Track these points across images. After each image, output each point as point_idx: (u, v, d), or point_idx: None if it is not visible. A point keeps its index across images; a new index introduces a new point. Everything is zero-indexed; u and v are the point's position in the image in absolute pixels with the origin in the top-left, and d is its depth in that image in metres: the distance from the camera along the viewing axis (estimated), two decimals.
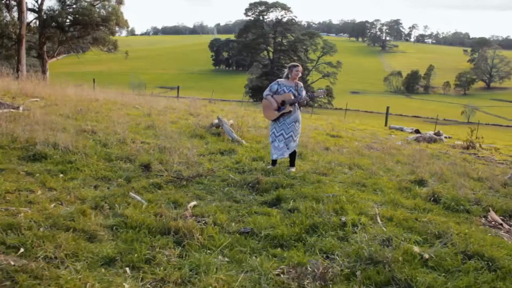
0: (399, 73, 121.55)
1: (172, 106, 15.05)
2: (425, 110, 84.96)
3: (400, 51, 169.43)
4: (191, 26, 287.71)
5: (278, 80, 7.09)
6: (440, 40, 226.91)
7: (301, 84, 7.02)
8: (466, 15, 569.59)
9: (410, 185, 6.31)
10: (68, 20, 35.32)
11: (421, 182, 6.50)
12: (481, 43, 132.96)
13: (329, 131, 14.09)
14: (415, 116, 77.88)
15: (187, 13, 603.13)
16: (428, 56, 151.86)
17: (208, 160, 7.09)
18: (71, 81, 17.56)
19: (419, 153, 10.97)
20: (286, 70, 7.06)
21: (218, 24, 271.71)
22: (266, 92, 7.05)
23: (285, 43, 68.41)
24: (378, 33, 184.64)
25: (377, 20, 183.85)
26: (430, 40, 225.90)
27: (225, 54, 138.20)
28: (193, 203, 4.90)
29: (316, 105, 70.24)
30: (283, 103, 6.82)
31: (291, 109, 6.80)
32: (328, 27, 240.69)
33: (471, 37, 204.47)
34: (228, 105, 24.58)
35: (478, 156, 12.04)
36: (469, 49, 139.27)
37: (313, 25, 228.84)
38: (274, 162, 7.06)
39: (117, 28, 37.87)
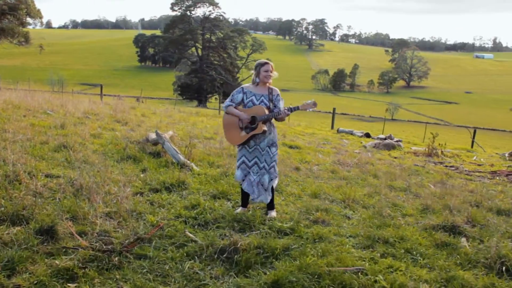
0: (326, 72, 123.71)
1: (94, 111, 12.28)
2: (352, 107, 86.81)
3: (326, 50, 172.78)
4: (113, 20, 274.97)
5: (243, 86, 4.93)
6: (363, 40, 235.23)
7: (277, 90, 4.90)
8: (386, 17, 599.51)
9: (446, 238, 4.43)
10: None
11: (454, 229, 4.66)
12: (400, 44, 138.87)
13: (283, 140, 12.17)
14: (343, 114, 79.06)
15: (108, 7, 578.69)
16: (352, 55, 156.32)
17: (150, 205, 4.76)
18: None
19: (396, 168, 9.36)
20: (252, 73, 4.93)
21: (143, 19, 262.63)
22: (226, 103, 4.89)
23: (214, 40, 65.70)
24: (305, 32, 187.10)
25: (303, 19, 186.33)
26: (353, 40, 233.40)
27: (151, 50, 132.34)
28: None
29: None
30: (252, 120, 4.70)
31: (265, 129, 4.69)
32: (255, 25, 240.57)
33: (391, 38, 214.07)
34: (160, 106, 21.95)
35: (456, 168, 10.67)
36: (390, 50, 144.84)
37: (240, 22, 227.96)
38: (245, 200, 4.93)
39: (28, 19, 33.47)
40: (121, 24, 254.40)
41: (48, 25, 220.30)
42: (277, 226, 4.38)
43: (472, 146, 20.32)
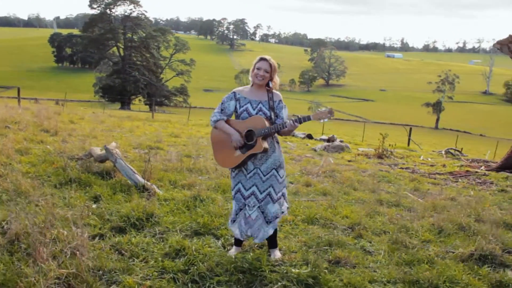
0: (249, 71, 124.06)
1: (14, 118, 10.37)
2: None
3: (248, 50, 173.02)
4: (25, 18, 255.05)
5: (235, 91, 3.86)
6: (282, 40, 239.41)
7: (279, 95, 3.87)
8: (304, 17, 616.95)
9: (496, 274, 3.68)
10: None
11: (493, 259, 3.93)
12: (318, 44, 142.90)
13: None
14: None
15: (19, 3, 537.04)
16: (273, 54, 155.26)
17: (119, 256, 3.51)
18: None
19: (363, 175, 8.74)
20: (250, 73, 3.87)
21: (58, 17, 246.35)
22: (214, 115, 3.78)
23: (136, 39, 62.66)
24: (226, 31, 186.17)
25: (224, 19, 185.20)
26: (273, 40, 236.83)
27: (68, 50, 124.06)
28: None
29: (172, 104, 66.77)
30: (249, 135, 3.66)
31: (266, 146, 3.66)
32: (176, 24, 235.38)
33: (308, 37, 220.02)
34: (88, 110, 19.90)
35: (412, 170, 10.29)
36: (309, 49, 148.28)
37: (161, 22, 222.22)
38: (238, 238, 3.87)
39: None
40: (34, 22, 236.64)
41: None
42: (294, 274, 3.37)
43: (408, 144, 20.65)
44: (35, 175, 5.45)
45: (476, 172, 10.58)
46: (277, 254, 3.82)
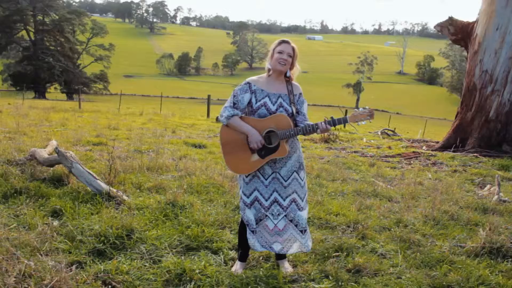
0: (171, 56, 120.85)
1: None
2: (198, 91, 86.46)
3: (169, 33, 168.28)
4: None
5: (249, 81, 3.25)
6: (204, 23, 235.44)
7: (298, 87, 3.34)
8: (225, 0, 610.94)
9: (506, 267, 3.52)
10: None
11: (500, 252, 3.79)
12: (241, 27, 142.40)
13: (185, 138, 10.47)
14: (191, 98, 78.36)
15: None
16: (195, 38, 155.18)
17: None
18: None
19: (322, 162, 8.54)
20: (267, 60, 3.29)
21: None
22: (226, 110, 3.17)
23: (49, 22, 57.91)
24: (145, 14, 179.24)
25: (143, 1, 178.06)
26: (194, 23, 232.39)
27: None
28: None
29: (91, 91, 63.34)
30: (268, 137, 3.12)
31: (289, 149, 3.17)
32: (91, 6, 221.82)
33: (230, 20, 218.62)
34: (2, 101, 17.92)
35: (362, 154, 10.29)
36: (231, 32, 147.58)
37: (74, 3, 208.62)
38: (245, 250, 3.36)
39: None
40: None
41: None
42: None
43: (344, 126, 20.97)
44: None
45: (423, 153, 10.81)
46: (288, 267, 3.37)
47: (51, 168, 5.23)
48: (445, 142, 11.77)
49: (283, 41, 3.22)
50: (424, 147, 12.22)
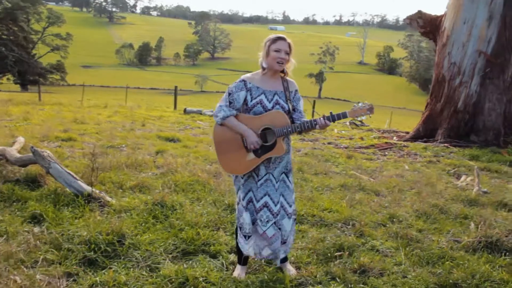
0: (131, 45, 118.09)
1: None
2: (160, 81, 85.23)
3: (129, 23, 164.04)
4: None
5: (245, 78, 3.10)
6: (165, 13, 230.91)
7: (294, 84, 3.20)
8: None
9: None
10: None
11: (497, 246, 3.80)
12: (203, 17, 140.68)
13: (157, 132, 10.15)
14: (152, 88, 77.05)
15: None
16: (156, 28, 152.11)
17: None
18: None
19: (301, 155, 8.47)
20: (260, 55, 3.15)
21: None
22: (221, 110, 3.01)
23: (1, 10, 55.24)
24: (104, 3, 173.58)
25: None
26: (155, 13, 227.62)
27: None
28: None
29: (47, 82, 61.03)
30: (263, 134, 2.99)
31: (286, 147, 3.04)
32: None
33: (192, 10, 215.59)
34: None
35: (336, 145, 10.31)
36: (193, 22, 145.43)
37: None
38: (243, 256, 3.22)
39: None
40: None
41: None
42: None
43: (312, 116, 21.09)
44: None
45: (396, 144, 10.94)
46: (291, 269, 3.25)
47: (23, 168, 4.88)
48: (416, 133, 11.97)
49: (279, 38, 3.06)
50: (395, 138, 12.39)
